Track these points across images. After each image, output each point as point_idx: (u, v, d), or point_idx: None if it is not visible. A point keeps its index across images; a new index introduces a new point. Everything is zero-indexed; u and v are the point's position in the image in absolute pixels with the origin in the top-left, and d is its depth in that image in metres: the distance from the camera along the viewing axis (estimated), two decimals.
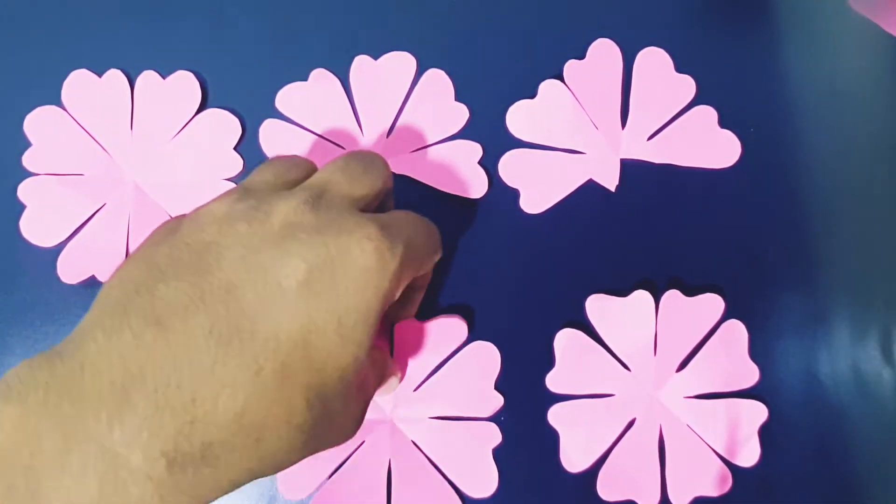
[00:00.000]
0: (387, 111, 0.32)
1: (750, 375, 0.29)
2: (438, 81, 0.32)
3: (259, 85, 0.32)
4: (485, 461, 0.28)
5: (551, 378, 0.29)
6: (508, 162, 0.32)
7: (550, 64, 0.32)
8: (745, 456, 0.29)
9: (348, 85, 0.32)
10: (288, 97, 0.32)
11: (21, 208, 0.31)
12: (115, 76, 0.32)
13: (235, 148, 0.32)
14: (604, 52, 0.32)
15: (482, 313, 0.30)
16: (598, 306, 0.30)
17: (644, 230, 0.31)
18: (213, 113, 0.32)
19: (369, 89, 0.32)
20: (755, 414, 0.29)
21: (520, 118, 0.32)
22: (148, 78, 0.32)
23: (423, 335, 0.29)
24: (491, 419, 0.29)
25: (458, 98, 0.32)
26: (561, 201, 0.31)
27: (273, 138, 0.32)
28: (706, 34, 0.33)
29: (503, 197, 0.31)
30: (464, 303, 0.30)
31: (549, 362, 0.29)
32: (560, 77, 0.32)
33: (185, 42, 0.33)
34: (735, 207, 0.31)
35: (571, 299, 0.30)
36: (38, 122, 0.32)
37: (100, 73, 0.32)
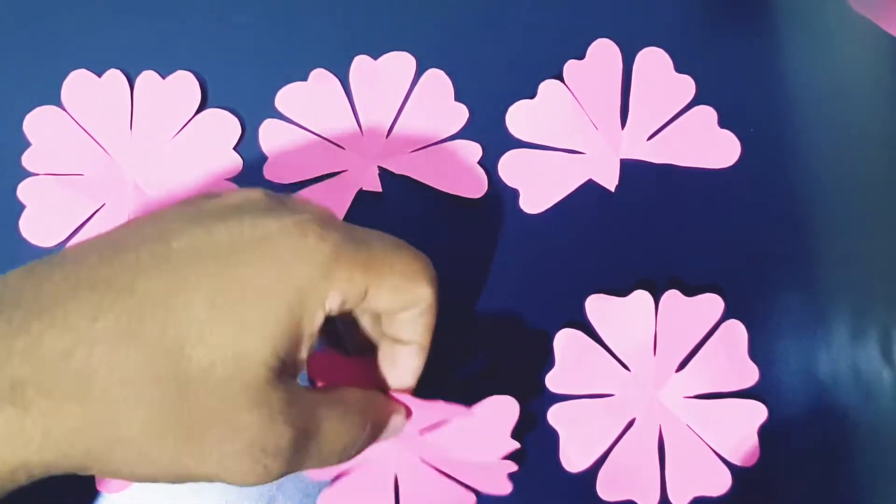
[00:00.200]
0: (386, 111, 0.32)
1: (750, 375, 0.29)
2: (438, 81, 0.32)
3: (259, 85, 0.32)
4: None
5: (551, 378, 0.29)
6: (508, 162, 0.32)
7: (550, 64, 0.32)
8: (745, 456, 0.29)
9: (348, 85, 0.32)
10: (288, 97, 0.32)
11: (21, 208, 0.31)
12: (115, 76, 0.32)
13: (235, 148, 0.32)
14: (603, 52, 0.32)
15: (482, 313, 0.30)
16: (598, 306, 0.30)
17: (644, 230, 0.31)
18: (213, 113, 0.32)
19: (369, 89, 0.32)
20: (755, 414, 0.29)
21: (520, 118, 0.32)
22: (147, 78, 0.32)
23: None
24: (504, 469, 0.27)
25: (458, 98, 0.32)
26: (561, 201, 0.31)
27: (273, 138, 0.32)
28: (706, 34, 0.33)
29: (503, 197, 0.31)
30: (464, 303, 0.30)
31: (549, 362, 0.29)
32: (560, 77, 0.32)
33: (185, 42, 0.33)
34: (735, 207, 0.31)
35: (571, 299, 0.30)
36: (38, 122, 0.32)
37: (99, 73, 0.32)
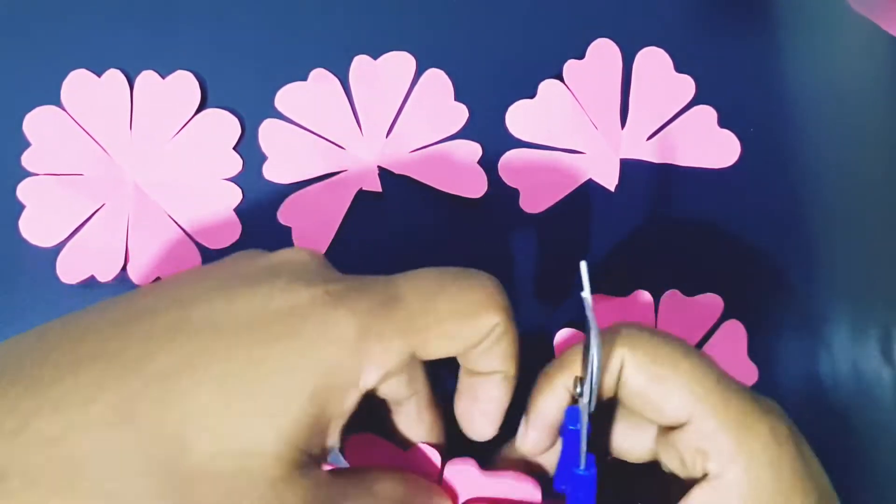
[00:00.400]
0: (386, 111, 0.32)
1: (749, 375, 0.29)
2: (438, 81, 0.32)
3: (259, 85, 0.32)
4: None
5: None
6: (508, 162, 0.32)
7: (550, 64, 0.32)
8: None
9: (348, 85, 0.32)
10: (287, 97, 0.32)
11: (20, 208, 0.31)
12: (115, 76, 0.32)
13: (235, 148, 0.32)
14: (603, 52, 0.32)
15: None
16: (598, 306, 0.30)
17: (644, 230, 0.31)
18: (213, 113, 0.32)
19: (369, 89, 0.32)
20: None
21: (519, 118, 0.32)
22: (147, 78, 0.32)
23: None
24: None
25: (458, 98, 0.32)
26: (561, 201, 0.31)
27: (272, 138, 0.32)
28: (706, 34, 0.33)
29: (503, 197, 0.31)
30: None
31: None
32: (560, 77, 0.32)
33: (185, 42, 0.33)
34: (735, 207, 0.31)
35: (571, 299, 0.30)
36: (38, 122, 0.32)
37: (99, 73, 0.32)
